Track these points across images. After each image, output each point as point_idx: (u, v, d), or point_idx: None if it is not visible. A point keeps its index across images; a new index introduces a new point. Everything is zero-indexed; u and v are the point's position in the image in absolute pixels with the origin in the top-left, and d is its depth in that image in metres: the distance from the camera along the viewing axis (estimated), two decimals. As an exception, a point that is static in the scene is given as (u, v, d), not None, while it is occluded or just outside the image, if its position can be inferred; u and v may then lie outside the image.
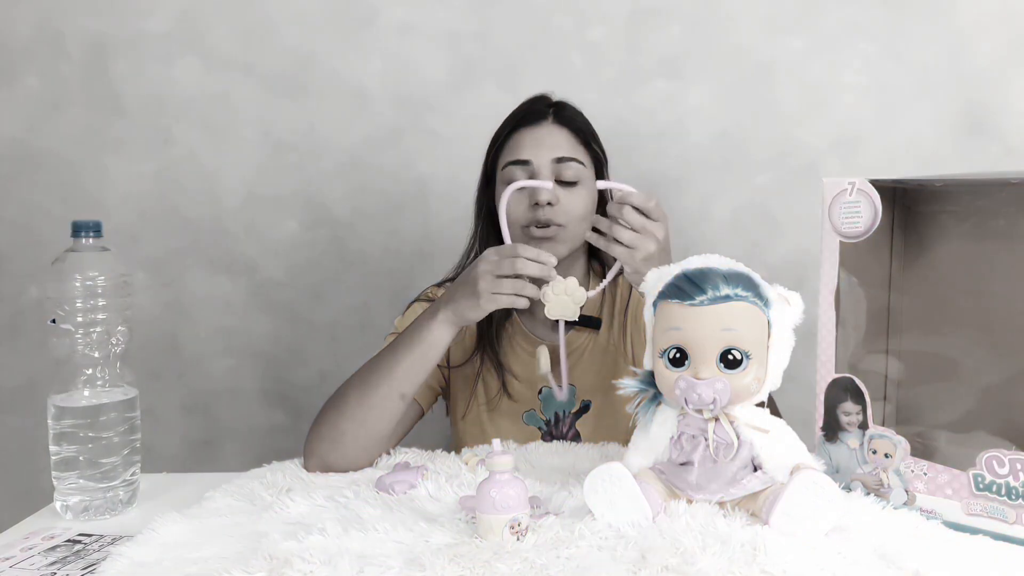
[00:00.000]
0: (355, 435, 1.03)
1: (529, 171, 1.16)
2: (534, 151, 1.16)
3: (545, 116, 1.19)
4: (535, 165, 1.15)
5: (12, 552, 0.83)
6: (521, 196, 1.15)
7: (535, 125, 1.18)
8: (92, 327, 0.93)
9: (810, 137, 1.57)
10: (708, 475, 0.76)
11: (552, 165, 1.15)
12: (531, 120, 1.19)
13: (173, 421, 1.67)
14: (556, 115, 1.19)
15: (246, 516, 0.86)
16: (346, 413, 1.03)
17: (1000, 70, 1.52)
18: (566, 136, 1.18)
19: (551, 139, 1.17)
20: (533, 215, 1.14)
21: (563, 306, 1.03)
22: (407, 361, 1.04)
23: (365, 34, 1.60)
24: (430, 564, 0.69)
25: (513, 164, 1.16)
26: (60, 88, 1.63)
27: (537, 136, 1.17)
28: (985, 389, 0.85)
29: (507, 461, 0.75)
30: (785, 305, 0.77)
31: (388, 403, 1.04)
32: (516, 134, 1.18)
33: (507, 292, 1.00)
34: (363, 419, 1.03)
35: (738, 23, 1.56)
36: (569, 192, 1.15)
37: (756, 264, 0.78)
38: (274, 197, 1.64)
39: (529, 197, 1.15)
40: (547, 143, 1.16)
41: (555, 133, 1.18)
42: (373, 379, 1.05)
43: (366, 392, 1.04)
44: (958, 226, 0.87)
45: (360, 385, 1.05)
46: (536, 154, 1.16)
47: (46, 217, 1.64)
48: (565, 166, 1.15)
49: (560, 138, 1.17)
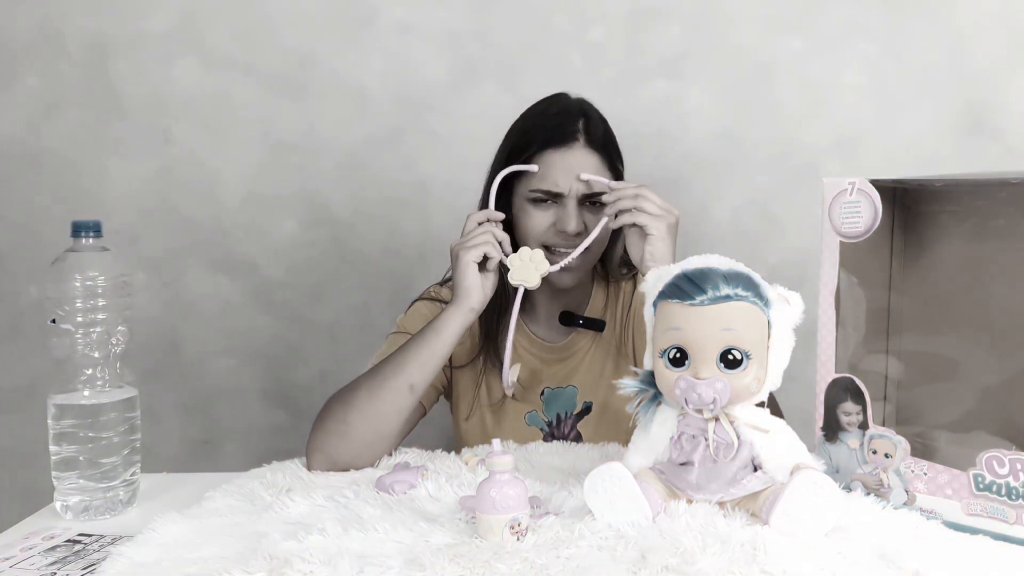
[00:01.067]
0: (363, 429, 1.03)
1: (553, 195, 1.14)
2: (566, 179, 1.13)
3: (576, 137, 1.15)
4: (567, 196, 1.14)
5: (12, 552, 0.83)
6: (545, 215, 1.15)
7: (566, 148, 1.14)
8: (92, 327, 0.93)
9: (810, 137, 1.57)
10: (708, 475, 0.76)
11: (582, 194, 1.14)
12: (562, 141, 1.15)
13: (173, 421, 1.67)
14: (587, 134, 1.16)
15: (246, 516, 0.86)
16: (355, 406, 1.04)
17: (1000, 70, 1.52)
18: (595, 161, 1.15)
19: (581, 166, 1.14)
20: (556, 240, 1.15)
21: (526, 272, 1.09)
22: (417, 351, 1.06)
23: (365, 34, 1.60)
24: (430, 564, 0.69)
25: (542, 192, 1.15)
26: (60, 88, 1.63)
27: (569, 162, 1.14)
28: (985, 389, 0.85)
29: (507, 461, 0.75)
30: (785, 305, 0.77)
31: (398, 395, 1.05)
32: (545, 155, 1.15)
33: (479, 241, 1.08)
34: (372, 411, 1.03)
35: (738, 23, 1.56)
36: (596, 216, 1.15)
37: (756, 264, 0.78)
38: (274, 197, 1.64)
39: (553, 221, 1.15)
40: (577, 171, 1.13)
41: (586, 159, 1.14)
42: (384, 372, 1.06)
43: (376, 384, 1.05)
44: (958, 226, 0.87)
45: (370, 378, 1.07)
46: (568, 183, 1.13)
47: (46, 217, 1.64)
48: (594, 195, 1.14)
49: (590, 164, 1.14)
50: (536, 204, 1.16)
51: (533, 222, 1.16)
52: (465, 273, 1.07)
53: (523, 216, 1.17)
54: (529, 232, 1.16)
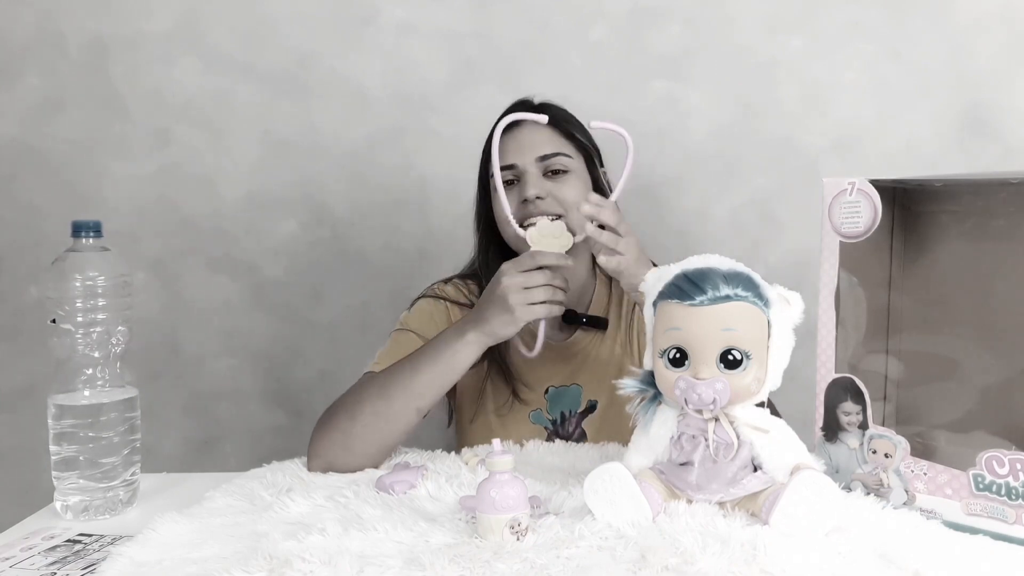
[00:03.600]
0: (367, 442, 1.03)
1: (515, 174, 1.17)
2: (517, 155, 1.17)
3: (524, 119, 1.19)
4: (520, 167, 1.16)
5: (12, 552, 0.83)
6: (511, 195, 1.16)
7: (516, 129, 1.18)
8: (92, 327, 0.93)
9: (810, 137, 1.57)
10: (708, 475, 0.76)
11: (537, 163, 1.16)
12: (513, 125, 1.18)
13: (173, 421, 1.67)
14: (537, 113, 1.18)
15: (246, 516, 0.86)
16: (360, 420, 1.03)
17: (1000, 70, 1.52)
18: (548, 133, 1.18)
19: (531, 139, 1.17)
20: (523, 212, 1.15)
21: (547, 247, 1.06)
22: (429, 377, 1.04)
23: (365, 34, 1.60)
24: (430, 564, 0.69)
25: (503, 170, 1.16)
26: (60, 88, 1.63)
27: (517, 138, 1.18)
28: (985, 389, 0.85)
29: (507, 461, 0.75)
30: (785, 305, 0.77)
31: (404, 416, 1.04)
32: (500, 143, 1.18)
33: (540, 301, 1.02)
34: (377, 428, 1.03)
35: (738, 23, 1.56)
36: (559, 183, 1.16)
37: (756, 264, 0.78)
38: (274, 197, 1.64)
39: (518, 195, 1.16)
40: (527, 144, 1.17)
41: (535, 133, 1.18)
42: (392, 392, 1.04)
43: (383, 403, 1.04)
44: (958, 226, 0.87)
45: (377, 396, 1.04)
46: (520, 158, 1.16)
47: (46, 217, 1.64)
48: (550, 162, 1.17)
49: (542, 136, 1.18)
50: (505, 189, 1.16)
51: (502, 206, 1.15)
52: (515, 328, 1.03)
53: (494, 204, 1.18)
54: (501, 216, 1.16)
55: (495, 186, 1.15)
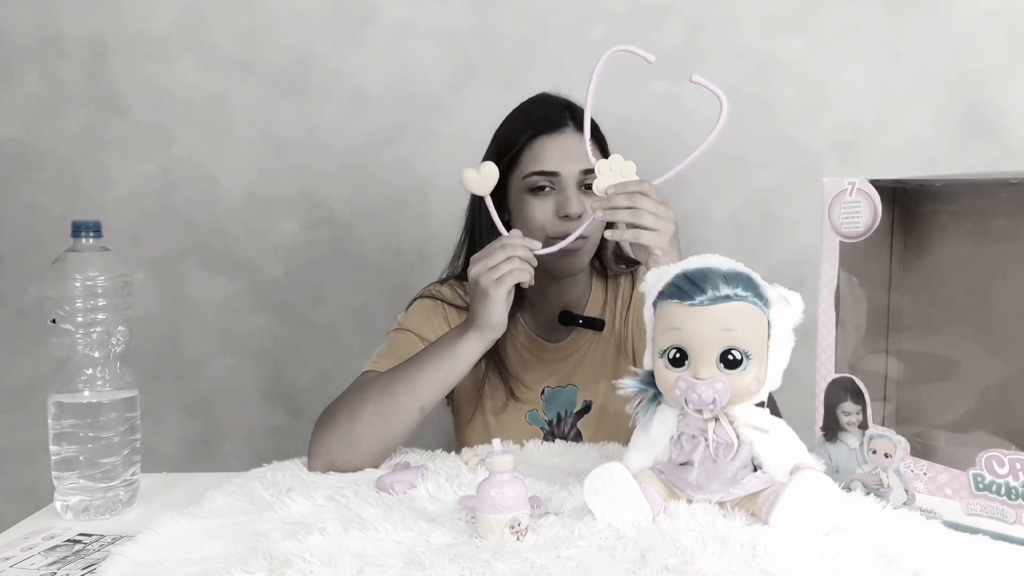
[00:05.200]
0: (369, 441, 1.02)
1: (556, 183, 1.14)
2: (562, 163, 1.14)
3: (565, 123, 1.16)
4: (563, 177, 1.14)
5: (12, 552, 0.83)
6: (544, 205, 1.14)
7: (557, 133, 1.15)
8: (92, 327, 0.93)
9: (810, 137, 1.57)
10: (708, 475, 0.76)
11: (579, 176, 1.14)
12: (552, 126, 1.16)
13: (173, 421, 1.67)
14: (575, 120, 1.17)
15: (246, 516, 0.85)
16: (363, 419, 1.03)
17: (1000, 70, 1.52)
18: (589, 146, 1.14)
19: (576, 149, 1.13)
20: (560, 227, 1.13)
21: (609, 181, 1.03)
22: (432, 377, 1.04)
23: (365, 34, 1.60)
24: (430, 564, 0.69)
25: (539, 175, 1.14)
26: (60, 88, 1.63)
27: (562, 146, 1.15)
28: (985, 389, 0.85)
29: (507, 461, 0.75)
30: (785, 305, 0.77)
31: (407, 415, 1.04)
32: (537, 142, 1.16)
33: (507, 270, 0.99)
34: (379, 427, 1.03)
35: (738, 23, 1.56)
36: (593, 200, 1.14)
37: (756, 264, 0.78)
38: (274, 197, 1.64)
39: (555, 208, 1.14)
40: (573, 154, 1.14)
41: (579, 144, 1.13)
42: (395, 390, 1.04)
43: (386, 402, 1.03)
44: (958, 226, 0.87)
45: (381, 394, 1.04)
46: (564, 167, 1.14)
47: (46, 217, 1.64)
48: (591, 177, 1.11)
49: (583, 148, 1.12)
50: (535, 193, 1.15)
51: (535, 212, 1.14)
52: (497, 308, 1.01)
53: (523, 209, 1.16)
54: (531, 223, 1.14)
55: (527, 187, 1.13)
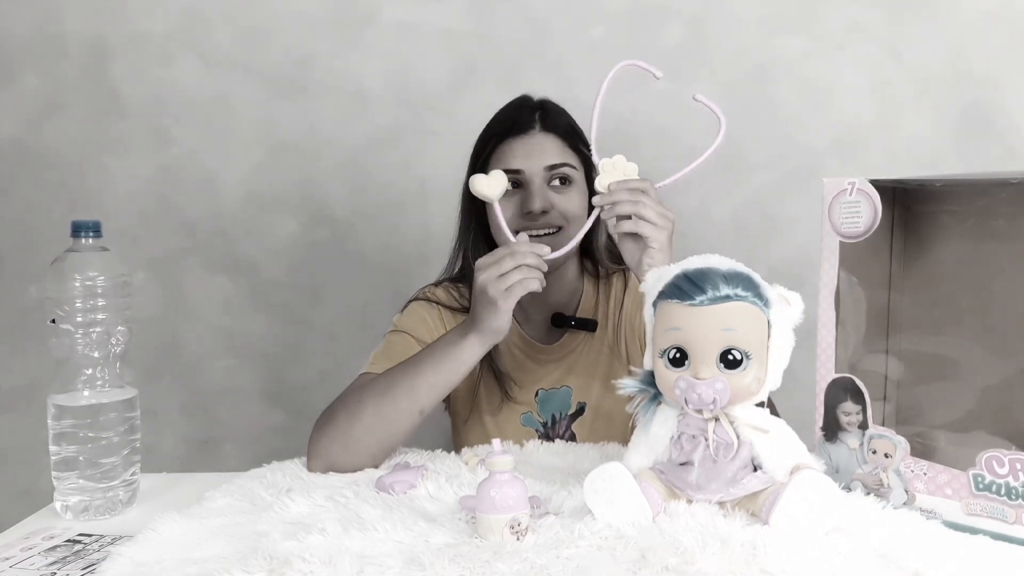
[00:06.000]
0: (368, 443, 1.02)
1: (519, 179, 1.16)
2: (525, 161, 1.16)
3: (533, 124, 1.18)
4: (527, 174, 1.16)
5: (12, 552, 0.83)
6: (509, 203, 1.15)
7: (524, 134, 1.18)
8: (92, 327, 0.93)
9: (810, 137, 1.57)
10: (708, 475, 0.76)
11: (544, 173, 1.16)
12: (519, 129, 1.18)
13: (173, 421, 1.67)
14: (543, 121, 1.19)
15: (246, 516, 0.85)
16: (362, 420, 1.03)
17: (1000, 70, 1.52)
18: (555, 142, 1.18)
19: (541, 147, 1.17)
20: (524, 223, 1.15)
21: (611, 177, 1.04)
22: (432, 380, 1.04)
23: (365, 34, 1.60)
24: (430, 564, 0.69)
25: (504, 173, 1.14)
26: (60, 88, 1.63)
27: (527, 146, 1.17)
28: (985, 389, 0.85)
29: (507, 461, 0.75)
30: (785, 305, 0.77)
31: (406, 417, 1.03)
32: (504, 144, 1.18)
33: (517, 279, 0.99)
34: (378, 429, 1.03)
35: (738, 23, 1.56)
36: (563, 195, 1.16)
37: (756, 264, 0.78)
38: (274, 197, 1.64)
39: (519, 205, 1.15)
40: (537, 152, 1.16)
41: (545, 141, 1.17)
42: (394, 392, 1.04)
43: (386, 404, 1.03)
44: (958, 226, 0.87)
45: (380, 396, 1.04)
46: (528, 164, 1.16)
47: (46, 217, 1.64)
48: (557, 172, 1.16)
49: (550, 145, 1.17)
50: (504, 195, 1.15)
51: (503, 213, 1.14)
52: (503, 316, 1.01)
53: (492, 210, 1.15)
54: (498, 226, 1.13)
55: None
